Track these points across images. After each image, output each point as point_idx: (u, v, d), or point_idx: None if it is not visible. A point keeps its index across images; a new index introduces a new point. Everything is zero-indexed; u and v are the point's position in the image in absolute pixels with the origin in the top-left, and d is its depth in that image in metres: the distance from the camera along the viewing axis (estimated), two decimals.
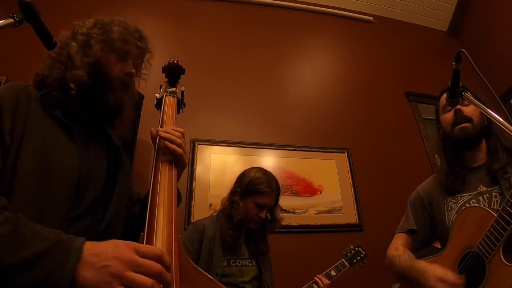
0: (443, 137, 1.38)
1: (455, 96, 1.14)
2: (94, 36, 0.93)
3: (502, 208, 0.99)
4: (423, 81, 3.34)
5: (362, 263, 1.84)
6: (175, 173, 0.86)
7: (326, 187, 2.56)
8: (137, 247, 0.56)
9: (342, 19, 3.59)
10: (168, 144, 0.88)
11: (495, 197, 1.19)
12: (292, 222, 2.36)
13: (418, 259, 1.25)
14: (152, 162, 0.86)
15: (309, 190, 2.52)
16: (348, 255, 1.85)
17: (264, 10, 3.38)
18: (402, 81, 3.33)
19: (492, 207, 1.16)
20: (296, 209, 2.42)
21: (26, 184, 0.71)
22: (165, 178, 0.80)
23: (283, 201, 2.35)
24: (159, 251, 0.57)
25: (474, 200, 1.22)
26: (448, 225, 1.26)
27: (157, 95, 1.12)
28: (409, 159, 2.87)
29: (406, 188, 1.63)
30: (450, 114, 1.32)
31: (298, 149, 2.66)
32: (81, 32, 0.95)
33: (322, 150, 2.71)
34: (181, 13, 3.08)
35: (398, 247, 1.36)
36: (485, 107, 1.04)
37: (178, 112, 1.11)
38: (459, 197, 1.28)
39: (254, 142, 2.59)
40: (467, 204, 1.23)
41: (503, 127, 0.95)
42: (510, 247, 0.99)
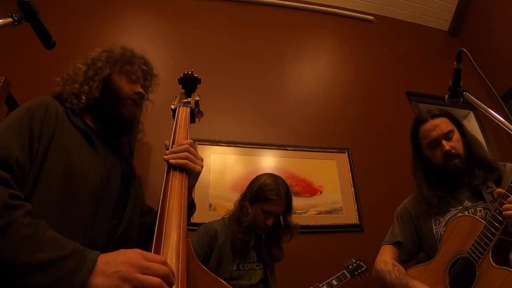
0: (427, 167, 1.44)
1: (456, 96, 1.14)
2: (103, 58, 1.07)
3: (491, 215, 1.09)
4: (424, 81, 3.33)
5: (363, 276, 1.89)
6: (186, 181, 0.86)
7: (327, 188, 2.55)
8: (144, 253, 0.60)
9: (343, 19, 3.58)
10: (171, 161, 0.87)
11: (480, 212, 1.27)
12: None
13: (410, 277, 1.28)
14: (164, 179, 0.85)
15: (310, 191, 2.51)
16: (350, 267, 1.90)
17: (264, 10, 3.37)
18: (403, 81, 3.32)
19: None
20: (296, 210, 2.40)
21: (51, 187, 0.76)
22: (175, 187, 0.81)
23: None
24: (163, 258, 0.61)
25: (460, 214, 1.29)
26: (437, 238, 1.33)
27: (172, 106, 1.14)
28: (410, 159, 2.84)
29: (407, 189, 1.63)
30: (439, 153, 1.37)
31: (298, 149, 2.65)
32: (91, 57, 1.09)
33: (323, 150, 2.70)
34: (181, 13, 3.07)
35: (387, 261, 1.39)
36: (487, 108, 1.04)
37: (193, 121, 1.15)
38: (446, 213, 1.35)
39: (254, 142, 2.58)
40: (456, 217, 1.29)
41: (504, 127, 0.96)
42: (498, 251, 1.08)
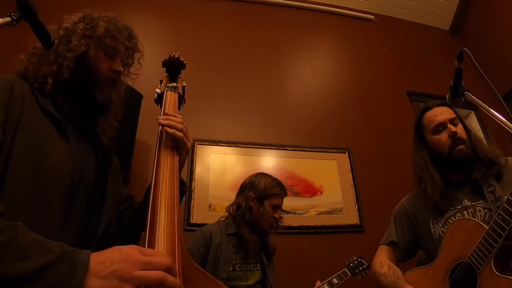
0: (432, 156, 1.38)
1: (457, 96, 1.13)
2: (79, 31, 0.91)
3: (494, 221, 1.04)
4: (425, 81, 3.32)
5: (365, 273, 1.86)
6: (177, 160, 0.85)
7: (327, 188, 2.54)
8: (141, 249, 0.54)
9: (344, 18, 3.57)
10: (167, 129, 0.86)
11: (479, 211, 1.24)
12: (293, 223, 2.34)
13: (405, 281, 1.26)
14: (155, 154, 0.84)
15: (310, 191, 2.50)
16: (351, 265, 1.88)
17: (265, 9, 3.36)
18: (404, 81, 3.31)
19: None
20: (297, 210, 2.40)
21: (19, 182, 0.67)
22: (167, 170, 0.78)
23: (284, 202, 2.33)
24: (162, 253, 0.56)
25: (459, 214, 1.26)
26: (435, 237, 1.30)
27: (158, 90, 1.11)
28: (411, 159, 2.83)
29: (408, 189, 1.62)
30: (445, 137, 1.33)
31: (299, 149, 2.64)
32: (65, 27, 0.93)
33: (323, 150, 2.69)
34: (181, 12, 3.06)
35: (383, 263, 1.39)
36: (488, 107, 1.03)
37: (179, 108, 1.10)
38: (445, 211, 1.31)
39: (254, 142, 2.57)
40: (453, 218, 1.27)
41: (506, 127, 0.94)
42: (501, 258, 1.03)
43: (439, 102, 1.41)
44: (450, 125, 1.33)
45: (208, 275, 0.68)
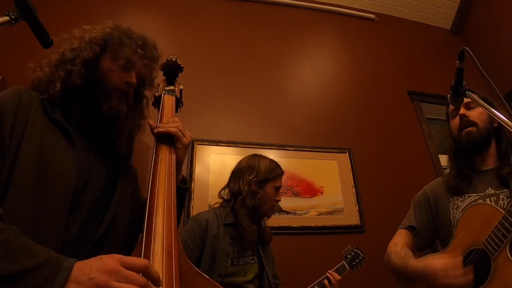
0: (453, 142, 1.40)
1: (459, 96, 1.12)
2: (86, 39, 0.92)
3: (511, 205, 1.00)
4: (426, 80, 3.30)
5: (360, 266, 1.86)
6: (174, 159, 0.86)
7: (328, 188, 2.53)
8: (122, 259, 0.55)
9: (344, 17, 3.55)
10: (159, 130, 0.88)
11: (502, 200, 1.19)
12: (293, 224, 2.33)
13: (413, 259, 1.24)
14: (152, 155, 0.84)
15: (310, 191, 2.49)
16: (348, 257, 1.87)
17: (265, 8, 3.34)
18: (405, 80, 3.29)
19: None
20: (297, 210, 2.39)
21: (22, 186, 0.70)
22: (165, 171, 0.79)
23: (284, 202, 2.32)
24: (146, 262, 0.56)
25: (481, 201, 1.22)
26: (453, 223, 1.26)
27: (155, 94, 1.11)
28: (412, 159, 2.83)
29: (409, 189, 1.61)
30: (456, 119, 1.35)
31: (299, 149, 2.63)
32: (77, 36, 0.94)
33: (323, 150, 2.68)
34: (180, 11, 3.05)
35: (397, 243, 1.37)
36: (489, 107, 1.02)
37: (177, 111, 1.10)
38: (466, 197, 1.28)
39: (254, 142, 2.55)
40: (474, 204, 1.22)
41: (507, 127, 0.94)
42: None
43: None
44: (463, 108, 1.32)
45: (205, 277, 0.68)
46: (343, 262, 1.83)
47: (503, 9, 3.24)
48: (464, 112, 1.31)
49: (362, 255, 1.88)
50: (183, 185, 0.98)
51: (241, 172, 1.66)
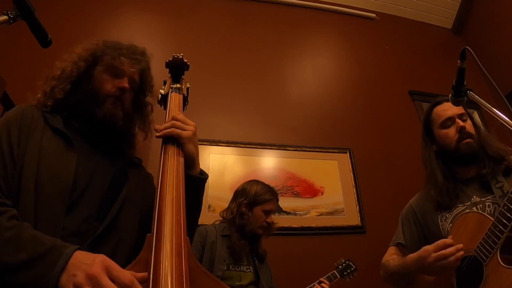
0: (440, 152, 1.40)
1: (460, 95, 1.12)
2: (83, 54, 1.01)
3: (499, 212, 1.03)
4: (427, 80, 3.29)
5: (352, 276, 1.92)
6: (181, 156, 0.86)
7: (328, 188, 2.52)
8: (111, 268, 0.57)
9: (345, 16, 3.54)
10: (157, 134, 0.89)
11: (488, 207, 1.24)
12: (293, 224, 2.32)
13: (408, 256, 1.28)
14: (160, 155, 0.85)
15: (311, 191, 2.48)
16: (339, 267, 1.93)
17: (265, 7, 3.34)
18: (406, 80, 3.28)
19: None
20: (297, 211, 2.38)
21: (26, 190, 0.76)
22: (173, 170, 0.79)
23: (284, 203, 2.32)
24: (129, 281, 0.55)
25: (468, 210, 1.26)
26: (444, 234, 1.30)
27: (162, 91, 1.10)
28: (413, 159, 2.78)
29: (410, 189, 1.60)
30: (453, 131, 1.35)
31: (299, 149, 2.62)
32: (66, 58, 1.03)
33: (324, 151, 2.67)
34: (180, 10, 3.04)
35: (392, 255, 1.42)
36: (491, 107, 1.01)
37: (183, 110, 1.09)
38: (453, 208, 1.31)
39: (254, 142, 2.55)
40: (462, 213, 1.26)
41: (509, 126, 0.94)
42: (507, 250, 1.03)
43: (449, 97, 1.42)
44: (459, 120, 1.34)
45: (214, 278, 0.68)
46: (334, 271, 1.90)
47: (505, 8, 3.23)
48: (463, 124, 1.32)
49: (354, 267, 1.94)
50: (201, 176, 0.97)
51: (236, 195, 1.90)
